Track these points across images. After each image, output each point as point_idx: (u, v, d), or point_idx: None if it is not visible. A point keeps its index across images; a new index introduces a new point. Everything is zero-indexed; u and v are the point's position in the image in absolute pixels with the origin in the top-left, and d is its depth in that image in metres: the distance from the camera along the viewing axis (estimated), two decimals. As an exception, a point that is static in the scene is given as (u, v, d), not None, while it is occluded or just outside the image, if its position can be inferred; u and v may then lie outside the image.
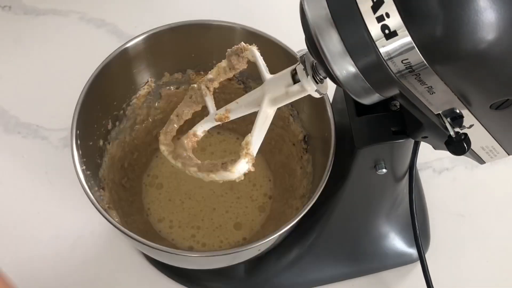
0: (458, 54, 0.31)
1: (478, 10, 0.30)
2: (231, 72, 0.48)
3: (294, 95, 0.43)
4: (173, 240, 0.63)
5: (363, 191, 0.56)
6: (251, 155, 0.42)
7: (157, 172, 0.67)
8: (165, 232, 0.63)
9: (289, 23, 0.55)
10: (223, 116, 0.46)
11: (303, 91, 0.42)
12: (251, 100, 0.45)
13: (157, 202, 0.65)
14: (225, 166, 0.43)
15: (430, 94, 0.35)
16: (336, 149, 0.51)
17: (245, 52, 0.46)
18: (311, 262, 0.64)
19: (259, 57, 0.46)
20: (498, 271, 0.67)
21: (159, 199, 0.65)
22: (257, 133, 0.43)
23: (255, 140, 0.43)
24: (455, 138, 0.38)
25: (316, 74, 0.41)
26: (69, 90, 0.56)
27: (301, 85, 0.42)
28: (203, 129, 0.48)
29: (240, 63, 0.47)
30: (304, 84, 0.41)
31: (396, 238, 0.64)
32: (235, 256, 0.52)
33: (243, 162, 0.42)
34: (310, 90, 0.42)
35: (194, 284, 0.64)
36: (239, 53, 0.46)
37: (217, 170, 0.43)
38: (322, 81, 0.42)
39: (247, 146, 0.42)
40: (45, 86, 0.75)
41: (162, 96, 0.63)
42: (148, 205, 0.65)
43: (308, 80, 0.41)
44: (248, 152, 0.42)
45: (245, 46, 0.46)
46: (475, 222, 0.69)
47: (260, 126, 0.43)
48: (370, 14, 0.32)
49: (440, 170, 0.73)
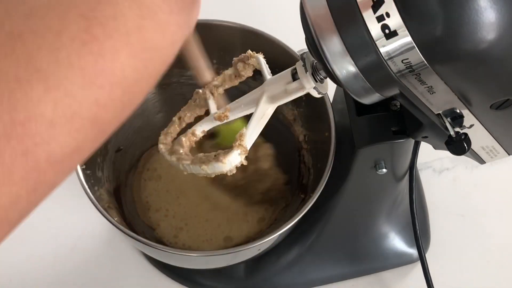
0: (458, 54, 0.31)
1: (478, 10, 0.30)
2: (236, 80, 0.48)
3: (293, 92, 0.43)
4: (158, 226, 0.63)
5: (363, 191, 0.56)
6: (244, 147, 0.42)
7: (156, 165, 0.67)
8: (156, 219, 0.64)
9: (289, 23, 0.55)
10: (222, 115, 0.46)
11: (302, 88, 0.42)
12: (250, 100, 0.45)
13: (155, 193, 0.66)
14: (217, 157, 0.43)
15: (430, 94, 0.35)
16: (336, 149, 0.51)
17: (251, 59, 0.47)
18: (311, 262, 0.64)
19: (264, 64, 0.46)
20: (498, 271, 0.67)
21: (157, 190, 0.66)
22: (253, 128, 0.43)
23: (249, 133, 0.43)
24: (455, 138, 0.38)
25: (317, 74, 0.41)
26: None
27: (300, 82, 0.42)
28: (202, 129, 0.48)
29: (246, 70, 0.47)
30: (302, 81, 0.41)
31: (396, 238, 0.64)
32: (234, 255, 0.52)
33: (236, 153, 0.42)
34: (308, 88, 0.42)
35: (194, 284, 0.64)
36: (245, 60, 0.47)
37: (209, 161, 0.43)
38: (323, 80, 0.42)
39: (241, 137, 0.42)
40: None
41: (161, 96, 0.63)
42: (147, 198, 0.65)
43: (307, 76, 0.41)
44: (241, 144, 0.42)
45: (251, 54, 0.47)
46: (475, 222, 0.69)
47: (256, 122, 0.43)
48: (370, 13, 0.32)
49: (440, 170, 0.73)
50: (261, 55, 0.47)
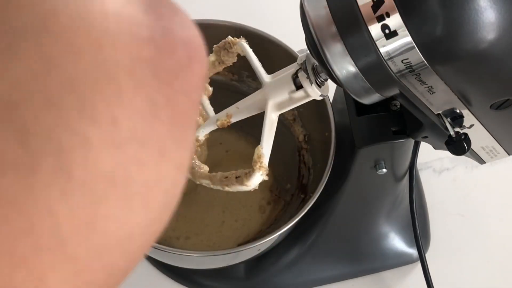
0: (458, 54, 0.31)
1: (478, 9, 0.30)
2: (220, 66, 0.47)
3: (298, 100, 0.43)
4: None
5: (363, 191, 0.56)
6: (264, 168, 0.42)
7: None
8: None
9: (289, 23, 0.55)
10: (225, 122, 0.46)
11: (308, 96, 0.42)
12: (251, 104, 0.45)
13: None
14: (240, 181, 0.42)
15: (430, 94, 0.35)
16: (336, 149, 0.51)
17: (234, 47, 0.45)
18: (311, 262, 0.64)
19: (249, 50, 0.45)
20: (498, 271, 0.67)
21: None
22: (266, 142, 0.43)
23: (266, 150, 0.42)
24: (455, 138, 0.38)
25: (317, 77, 0.41)
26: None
27: (305, 91, 0.42)
28: (204, 133, 0.47)
29: (230, 58, 0.46)
30: (308, 91, 0.42)
31: (396, 238, 0.64)
32: (234, 256, 0.52)
33: (258, 175, 0.42)
34: (314, 96, 0.42)
35: (194, 284, 0.64)
36: (228, 49, 0.45)
37: (232, 184, 0.43)
38: (324, 83, 0.42)
39: (259, 159, 0.42)
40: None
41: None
42: None
43: (313, 87, 0.41)
44: (262, 166, 0.42)
45: (233, 40, 0.45)
46: (475, 222, 0.69)
47: (268, 134, 0.43)
48: (370, 13, 0.32)
49: (440, 170, 0.73)
50: (243, 39, 0.45)
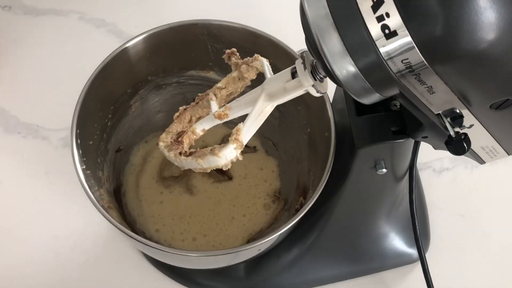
0: (458, 54, 0.31)
1: (478, 10, 0.30)
2: (240, 83, 0.48)
3: (292, 90, 0.43)
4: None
5: (363, 191, 0.56)
6: (240, 142, 0.43)
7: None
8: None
9: (289, 23, 0.55)
10: (222, 113, 0.46)
11: (300, 86, 0.42)
12: (250, 98, 0.46)
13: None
14: (213, 151, 0.43)
15: (430, 94, 0.35)
16: (336, 149, 0.52)
17: (255, 62, 0.47)
18: (311, 262, 0.64)
19: (268, 66, 0.47)
20: (498, 271, 0.67)
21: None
22: (250, 124, 0.43)
23: (246, 129, 0.43)
24: (455, 138, 0.38)
25: (316, 73, 0.41)
26: (69, 90, 0.56)
27: (298, 79, 0.42)
28: (202, 127, 0.48)
29: (249, 73, 0.47)
30: (301, 79, 0.42)
31: (396, 238, 0.64)
32: (235, 256, 0.52)
33: (231, 147, 0.42)
34: (307, 85, 0.42)
35: (194, 284, 0.64)
36: (249, 63, 0.47)
37: (204, 155, 0.44)
38: (322, 79, 0.42)
39: (237, 132, 0.43)
40: (45, 86, 0.75)
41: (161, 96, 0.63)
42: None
43: (306, 74, 0.41)
44: (237, 138, 0.42)
45: (256, 56, 0.47)
46: (475, 222, 0.69)
47: (254, 118, 0.44)
48: (370, 13, 0.32)
49: (440, 170, 0.73)
50: (265, 59, 0.47)
